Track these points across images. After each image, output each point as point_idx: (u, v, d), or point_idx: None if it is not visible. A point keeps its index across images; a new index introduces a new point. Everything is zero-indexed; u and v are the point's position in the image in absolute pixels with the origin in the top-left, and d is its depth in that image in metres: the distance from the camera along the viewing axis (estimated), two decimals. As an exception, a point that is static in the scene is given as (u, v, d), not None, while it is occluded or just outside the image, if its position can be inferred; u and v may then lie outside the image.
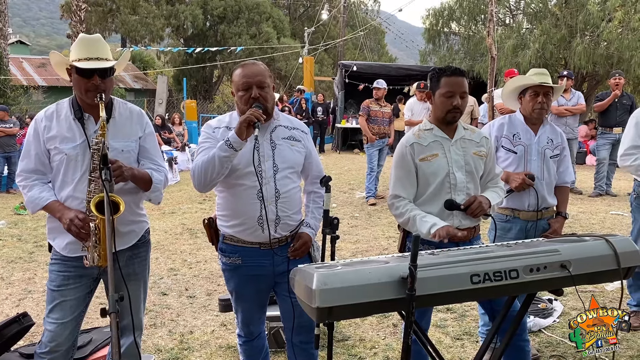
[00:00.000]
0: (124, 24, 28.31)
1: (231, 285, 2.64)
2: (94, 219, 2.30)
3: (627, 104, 8.39)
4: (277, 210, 2.49)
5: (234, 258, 2.56)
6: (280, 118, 2.62)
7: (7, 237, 6.80)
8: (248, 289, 2.60)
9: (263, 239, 2.51)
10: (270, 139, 2.54)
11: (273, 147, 2.53)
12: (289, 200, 2.53)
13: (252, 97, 2.43)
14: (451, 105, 2.55)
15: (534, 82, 3.14)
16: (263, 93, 2.46)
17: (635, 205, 3.76)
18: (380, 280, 1.77)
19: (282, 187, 2.50)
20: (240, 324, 2.72)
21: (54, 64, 2.53)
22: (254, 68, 2.49)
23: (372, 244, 6.07)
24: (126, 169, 2.33)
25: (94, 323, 3.78)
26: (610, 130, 8.39)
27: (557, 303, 4.14)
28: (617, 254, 2.08)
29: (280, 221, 2.52)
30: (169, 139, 13.45)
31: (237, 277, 2.59)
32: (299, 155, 2.61)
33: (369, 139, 8.22)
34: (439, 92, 2.58)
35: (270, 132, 2.55)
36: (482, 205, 2.57)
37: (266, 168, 2.49)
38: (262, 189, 2.46)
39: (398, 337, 3.71)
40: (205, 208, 8.38)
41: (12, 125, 10.39)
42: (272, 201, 2.48)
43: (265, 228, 2.48)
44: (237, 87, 2.49)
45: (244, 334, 2.74)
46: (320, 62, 30.80)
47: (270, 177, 2.49)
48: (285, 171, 2.53)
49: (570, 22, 15.80)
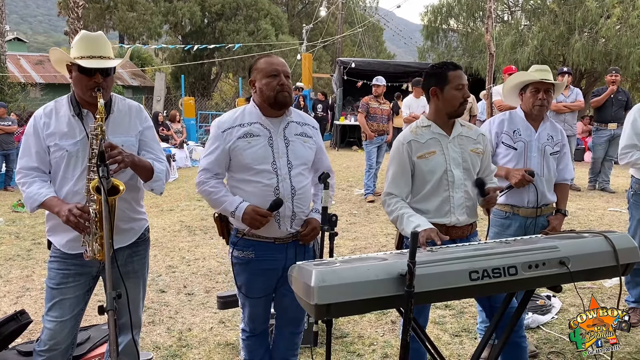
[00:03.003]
0: (121, 21, 28.25)
1: (241, 279, 2.62)
2: (94, 203, 2.27)
3: (623, 99, 8.51)
4: (293, 206, 2.52)
5: (247, 252, 2.57)
6: (292, 114, 2.64)
7: (5, 234, 6.78)
8: (258, 284, 2.60)
9: (279, 235, 2.55)
10: (283, 136, 2.56)
11: (287, 143, 2.55)
12: (304, 197, 2.57)
13: (279, 84, 2.48)
14: (462, 97, 2.58)
15: (535, 79, 3.14)
16: (288, 83, 2.53)
17: (632, 202, 3.77)
18: (379, 277, 1.77)
19: (297, 183, 2.53)
20: (247, 319, 2.71)
21: (54, 60, 2.52)
22: (280, 59, 2.58)
23: (370, 241, 6.07)
24: (126, 155, 2.31)
25: (93, 320, 3.77)
26: (605, 126, 8.52)
27: (555, 300, 4.14)
28: (615, 251, 2.08)
29: (296, 217, 2.55)
30: (166, 136, 13.42)
31: (248, 271, 2.59)
32: (311, 151, 2.64)
33: (367, 136, 8.22)
34: (450, 86, 2.57)
35: (283, 129, 2.57)
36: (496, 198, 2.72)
37: (281, 165, 2.51)
38: (279, 186, 2.49)
39: (397, 334, 3.72)
40: (203, 205, 8.37)
41: (11, 123, 10.36)
42: (288, 198, 2.50)
43: (282, 224, 2.52)
44: (265, 73, 2.50)
45: (249, 330, 2.73)
46: (318, 59, 30.80)
47: (285, 174, 2.51)
48: (299, 168, 2.56)
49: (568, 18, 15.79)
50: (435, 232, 2.42)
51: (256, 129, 2.53)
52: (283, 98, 2.50)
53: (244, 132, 2.52)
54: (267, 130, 2.54)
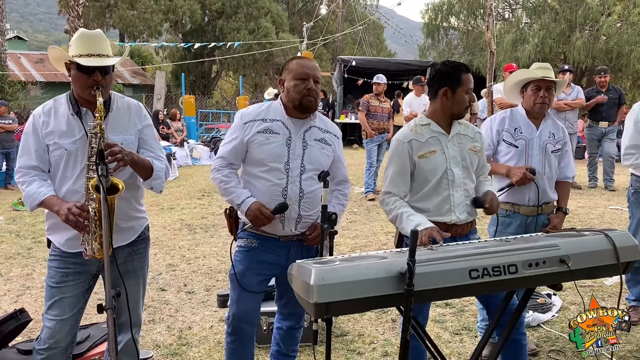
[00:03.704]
0: (122, 19, 28.22)
1: (238, 268, 2.59)
2: (93, 202, 2.26)
3: (614, 97, 8.63)
4: (299, 209, 2.53)
5: (251, 240, 2.59)
6: (316, 119, 2.65)
7: (5, 233, 6.78)
8: (254, 274, 2.58)
9: (283, 234, 2.57)
10: (303, 138, 2.56)
11: (304, 146, 2.56)
12: (312, 201, 2.56)
13: (307, 88, 2.50)
14: (469, 101, 2.62)
15: (537, 76, 3.13)
16: (316, 88, 2.54)
17: (632, 200, 3.76)
18: (379, 276, 1.77)
19: (306, 187, 2.54)
20: (234, 316, 2.63)
21: (53, 58, 2.51)
22: (312, 63, 2.62)
23: (370, 240, 6.07)
24: (125, 153, 2.30)
25: (93, 319, 3.77)
26: (597, 123, 8.66)
27: (556, 298, 4.14)
28: (616, 249, 2.08)
29: (302, 220, 2.56)
30: (167, 135, 13.41)
31: (247, 259, 2.59)
32: (327, 158, 2.64)
33: (368, 134, 8.21)
34: (462, 88, 2.58)
35: (304, 132, 2.58)
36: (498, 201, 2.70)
37: (294, 167, 2.52)
38: (287, 187, 2.49)
39: (397, 332, 3.71)
40: (204, 204, 8.37)
41: (11, 121, 10.36)
42: (295, 201, 2.51)
43: (286, 225, 2.53)
44: (295, 75, 2.53)
45: (231, 331, 2.65)
46: (319, 57, 30.76)
47: (296, 176, 2.52)
48: (312, 172, 2.56)
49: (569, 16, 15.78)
50: (436, 230, 2.42)
51: (277, 126, 2.55)
52: (308, 102, 2.52)
53: (264, 127, 2.53)
54: (287, 129, 2.55)
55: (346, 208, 2.84)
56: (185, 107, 16.96)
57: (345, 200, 2.78)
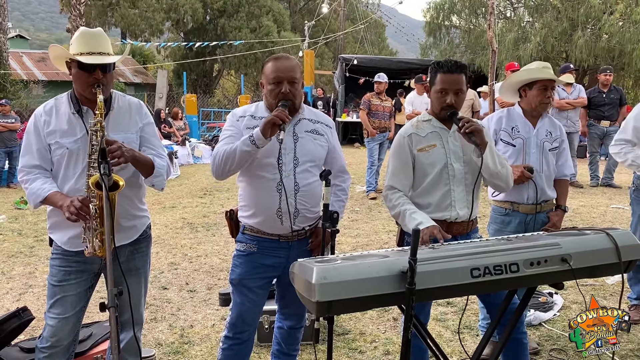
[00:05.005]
0: (123, 18, 28.23)
1: (237, 272, 2.58)
2: (94, 200, 2.26)
3: (615, 98, 8.62)
4: (296, 203, 2.51)
5: (250, 245, 2.57)
6: (305, 111, 2.63)
7: (7, 231, 6.80)
8: (255, 278, 2.57)
9: (282, 231, 2.54)
10: (293, 132, 2.55)
11: (295, 140, 2.54)
12: (309, 194, 2.54)
13: (281, 92, 2.45)
14: (444, 102, 2.55)
15: (545, 77, 3.11)
16: (293, 89, 2.48)
17: (634, 198, 3.76)
18: (380, 274, 1.77)
19: (301, 180, 2.52)
20: (234, 321, 2.61)
21: (53, 57, 2.51)
22: (287, 63, 2.50)
23: (372, 238, 6.07)
24: (126, 150, 2.30)
25: (95, 317, 3.78)
26: (598, 122, 8.64)
27: (557, 297, 4.14)
28: (618, 248, 2.07)
29: (299, 214, 2.53)
30: (169, 134, 13.43)
31: (247, 264, 2.57)
32: (321, 149, 2.61)
33: (369, 132, 8.21)
34: (434, 88, 2.59)
35: (293, 125, 2.56)
36: (476, 126, 2.45)
37: (287, 161, 2.50)
38: (283, 181, 2.48)
39: (398, 330, 3.72)
40: (205, 203, 8.38)
41: (14, 120, 10.38)
42: (291, 194, 2.50)
43: (284, 220, 2.51)
44: (268, 80, 2.50)
45: (232, 335, 2.62)
46: (320, 55, 30.74)
47: (290, 170, 2.50)
48: (306, 164, 2.54)
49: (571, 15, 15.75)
50: (437, 229, 2.42)
51: None
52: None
53: (254, 124, 2.51)
54: None
55: (347, 204, 2.82)
56: (187, 105, 16.98)
57: (344, 196, 2.75)
